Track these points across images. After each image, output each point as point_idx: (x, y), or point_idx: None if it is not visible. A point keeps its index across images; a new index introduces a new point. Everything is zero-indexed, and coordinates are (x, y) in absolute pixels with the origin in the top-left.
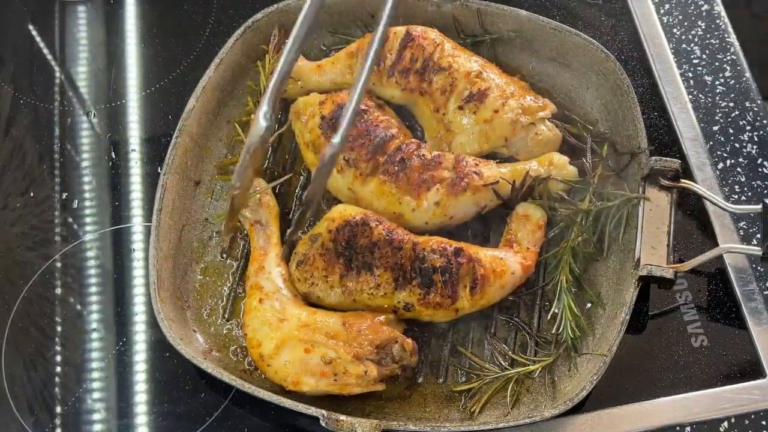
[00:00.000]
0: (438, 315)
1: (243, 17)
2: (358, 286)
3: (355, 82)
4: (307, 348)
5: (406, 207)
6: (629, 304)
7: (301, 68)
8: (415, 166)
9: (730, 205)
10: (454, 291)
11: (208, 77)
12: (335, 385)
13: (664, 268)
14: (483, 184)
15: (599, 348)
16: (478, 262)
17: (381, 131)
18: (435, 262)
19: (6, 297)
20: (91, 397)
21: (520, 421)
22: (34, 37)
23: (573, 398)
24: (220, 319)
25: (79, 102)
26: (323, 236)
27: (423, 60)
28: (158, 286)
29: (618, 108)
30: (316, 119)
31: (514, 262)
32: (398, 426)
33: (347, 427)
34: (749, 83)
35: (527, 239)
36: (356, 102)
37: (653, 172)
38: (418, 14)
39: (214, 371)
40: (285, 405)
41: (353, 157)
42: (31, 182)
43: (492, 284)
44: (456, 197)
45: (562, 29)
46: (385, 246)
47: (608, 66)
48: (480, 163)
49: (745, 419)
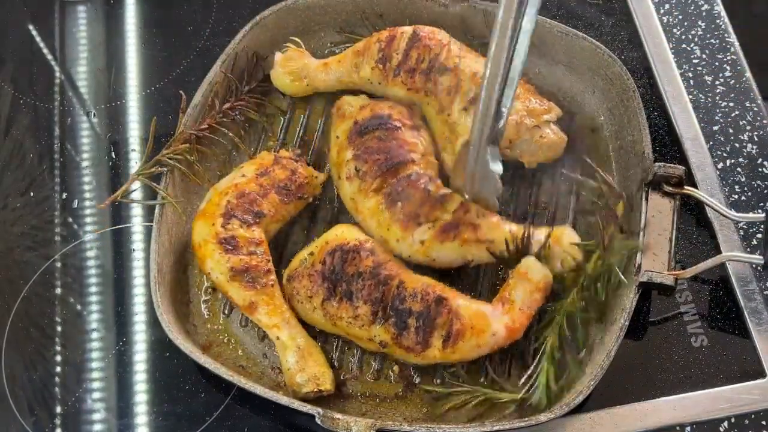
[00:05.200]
0: (410, 358)
1: (243, 17)
2: (338, 313)
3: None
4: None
5: (391, 235)
6: (629, 310)
7: (308, 66)
8: (416, 198)
9: (733, 213)
10: (426, 339)
11: (214, 73)
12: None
13: (665, 275)
14: (475, 239)
15: (598, 353)
16: (456, 315)
17: (400, 154)
18: (413, 305)
19: (6, 297)
20: (91, 397)
21: (515, 423)
22: (34, 37)
23: (569, 403)
24: (221, 314)
25: (79, 102)
26: (315, 256)
27: (429, 60)
28: (159, 281)
29: (623, 113)
30: (350, 122)
31: (499, 323)
32: (394, 426)
33: (343, 425)
34: (749, 83)
35: (522, 300)
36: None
37: (657, 178)
38: (425, 14)
39: (212, 367)
40: (282, 402)
41: (365, 169)
42: (31, 182)
43: (467, 340)
44: (442, 243)
45: (569, 32)
46: (370, 278)
47: (615, 70)
48: (485, 216)
49: (745, 419)
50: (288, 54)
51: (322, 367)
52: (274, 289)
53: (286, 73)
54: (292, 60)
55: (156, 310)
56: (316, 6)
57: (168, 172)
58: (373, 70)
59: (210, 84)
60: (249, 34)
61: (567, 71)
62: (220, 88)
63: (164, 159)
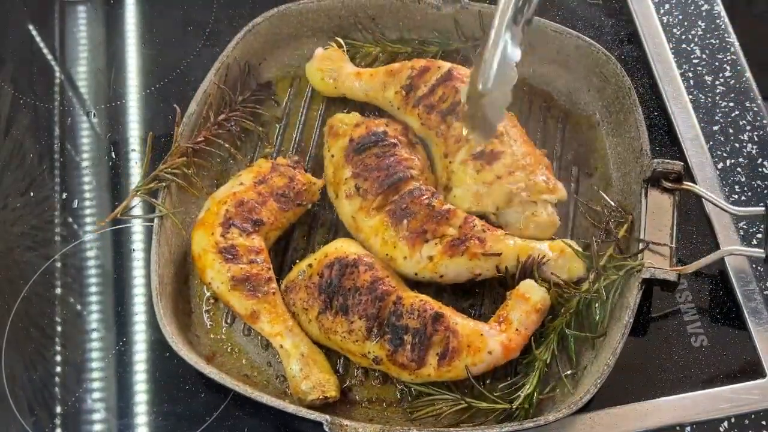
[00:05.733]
0: (404, 375)
1: (243, 17)
2: (332, 326)
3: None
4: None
5: (398, 253)
6: (633, 307)
7: (342, 69)
8: (421, 215)
9: (732, 207)
10: (421, 356)
11: (209, 81)
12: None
13: (667, 271)
14: (483, 253)
15: (603, 351)
16: (453, 333)
17: (400, 170)
18: (410, 322)
19: (6, 297)
20: (91, 397)
21: (525, 424)
22: (34, 37)
23: (577, 402)
24: (223, 324)
25: (79, 102)
26: (314, 268)
27: (451, 103)
28: (160, 292)
29: (620, 110)
30: (345, 140)
31: (495, 342)
32: (402, 430)
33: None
34: (749, 83)
35: (519, 320)
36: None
37: (655, 175)
38: (418, 17)
39: (217, 377)
40: (289, 410)
41: (365, 187)
42: (31, 182)
43: (463, 359)
44: (450, 258)
45: (563, 32)
46: (366, 293)
47: (610, 68)
48: (488, 230)
49: (745, 419)
50: (328, 53)
51: (327, 374)
52: (275, 297)
53: (320, 70)
54: (330, 60)
55: (159, 322)
56: (308, 11)
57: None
58: (396, 95)
59: (204, 93)
60: (242, 41)
61: (563, 70)
62: (214, 100)
63: (162, 174)
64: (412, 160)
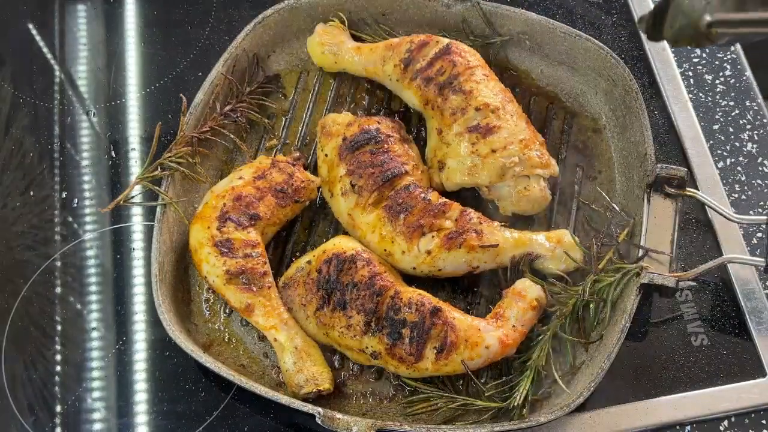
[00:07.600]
0: (401, 369)
1: (243, 17)
2: (330, 322)
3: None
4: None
5: (396, 248)
6: (630, 311)
7: (342, 44)
8: (417, 209)
9: (735, 215)
10: (419, 350)
11: (216, 71)
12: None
13: (666, 277)
14: (480, 245)
15: (599, 355)
16: (451, 327)
17: (394, 165)
18: (408, 316)
19: (6, 296)
20: (91, 396)
21: (519, 424)
22: (34, 37)
23: (570, 404)
24: (221, 314)
25: (79, 101)
26: (312, 265)
27: (449, 76)
28: (160, 279)
29: (626, 114)
30: (338, 139)
31: (493, 337)
32: (394, 425)
33: (343, 425)
34: (749, 82)
35: (516, 317)
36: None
37: (658, 180)
38: (428, 14)
39: (213, 366)
40: (282, 401)
41: (360, 184)
42: (31, 181)
43: (460, 353)
44: (449, 251)
45: (572, 33)
46: (364, 288)
47: (618, 72)
48: (484, 222)
49: (745, 418)
50: (329, 27)
51: (321, 367)
52: (270, 291)
53: (321, 44)
54: (331, 34)
55: (157, 309)
56: (318, 6)
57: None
58: (395, 68)
59: (212, 83)
60: (252, 33)
61: (570, 72)
62: (220, 90)
63: (166, 162)
64: (406, 154)
